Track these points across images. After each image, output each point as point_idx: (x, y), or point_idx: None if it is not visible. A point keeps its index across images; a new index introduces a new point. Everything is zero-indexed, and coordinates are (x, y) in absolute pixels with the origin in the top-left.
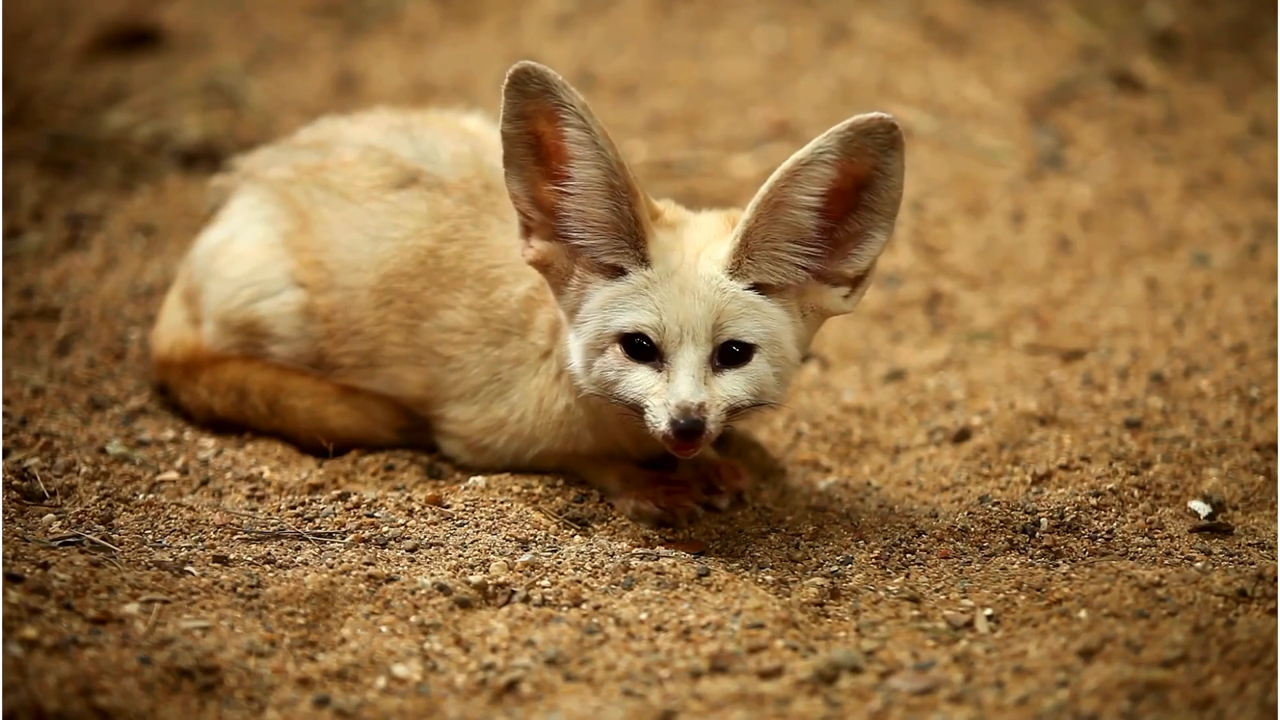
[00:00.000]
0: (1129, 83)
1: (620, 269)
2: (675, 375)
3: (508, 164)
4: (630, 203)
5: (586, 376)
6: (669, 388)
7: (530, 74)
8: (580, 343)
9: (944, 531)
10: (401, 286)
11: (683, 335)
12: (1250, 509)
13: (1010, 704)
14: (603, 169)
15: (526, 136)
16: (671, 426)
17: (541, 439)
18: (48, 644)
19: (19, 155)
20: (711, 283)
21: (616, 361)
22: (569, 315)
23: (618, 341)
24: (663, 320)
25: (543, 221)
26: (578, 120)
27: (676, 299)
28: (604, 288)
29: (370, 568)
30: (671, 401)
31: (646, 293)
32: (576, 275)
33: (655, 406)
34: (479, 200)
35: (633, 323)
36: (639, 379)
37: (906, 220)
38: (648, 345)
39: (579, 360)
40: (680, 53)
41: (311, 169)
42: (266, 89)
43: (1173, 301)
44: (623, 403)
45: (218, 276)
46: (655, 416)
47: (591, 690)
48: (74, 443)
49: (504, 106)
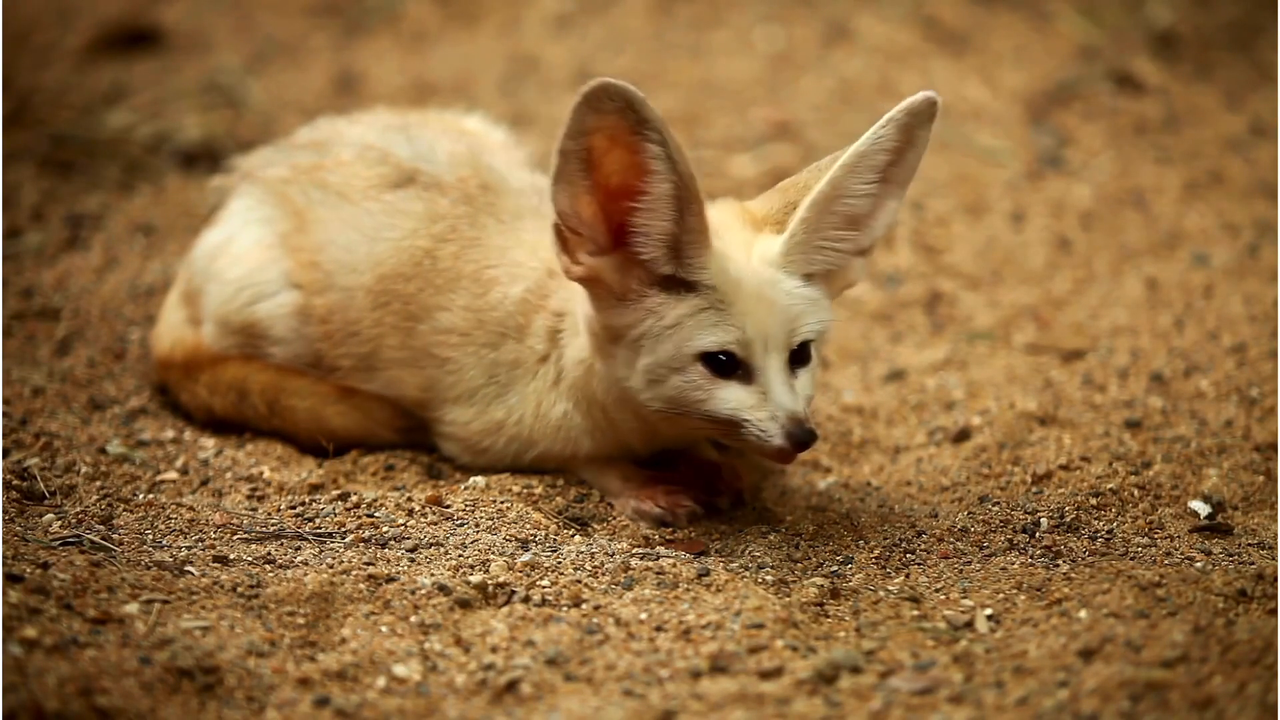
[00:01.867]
0: (1129, 83)
1: (680, 280)
2: (771, 387)
3: (559, 179)
4: (696, 213)
5: (653, 391)
6: (767, 401)
7: (609, 91)
8: (646, 361)
9: (944, 531)
10: (398, 288)
11: (767, 346)
12: (1250, 509)
13: (1010, 704)
14: (674, 182)
15: (583, 153)
16: (789, 440)
17: (540, 442)
18: (48, 644)
19: (19, 155)
20: (779, 287)
21: (702, 380)
22: (617, 329)
23: (699, 360)
24: (747, 335)
25: (590, 236)
26: (657, 135)
27: (754, 309)
28: (673, 304)
29: (370, 568)
30: (780, 415)
31: (723, 308)
32: (632, 290)
33: (761, 421)
34: (476, 200)
35: (718, 342)
36: (730, 396)
37: (906, 220)
38: (729, 360)
39: (640, 377)
40: (680, 53)
41: (309, 169)
42: (266, 89)
43: (1173, 301)
44: (712, 419)
45: (217, 278)
46: (763, 431)
47: (591, 690)
48: (74, 443)
49: (570, 122)
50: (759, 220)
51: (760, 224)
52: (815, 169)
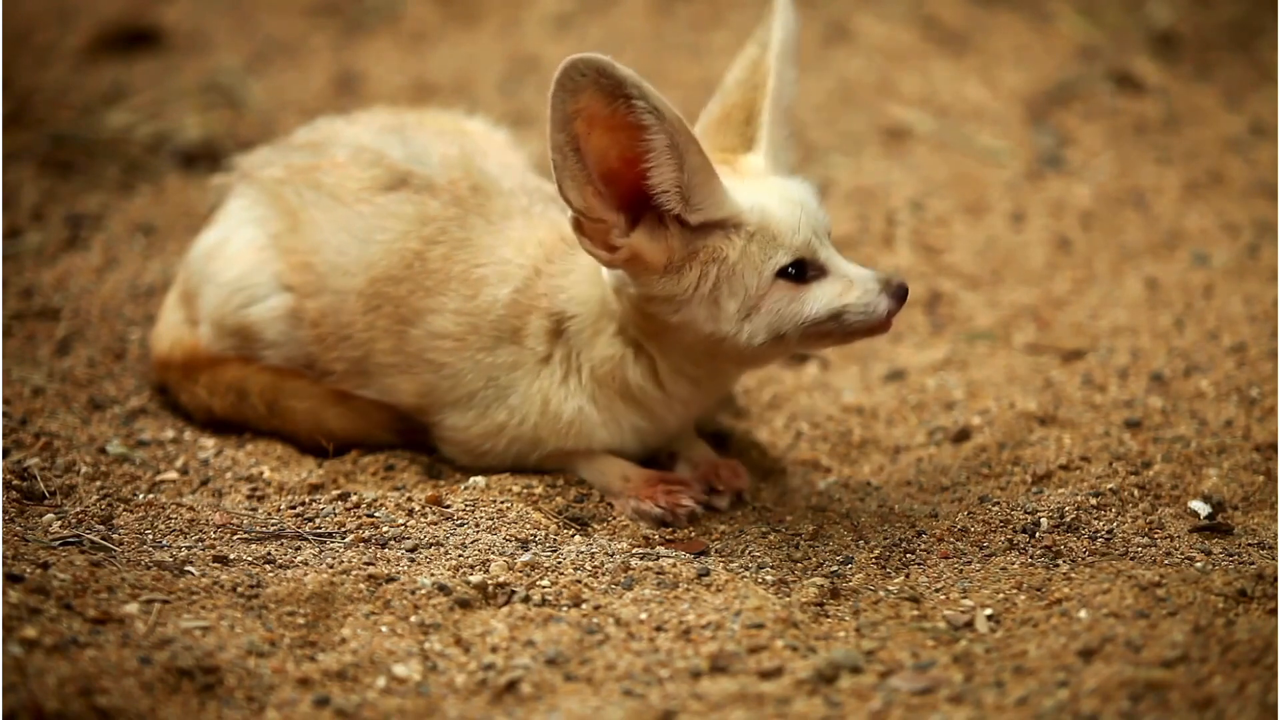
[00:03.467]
0: (1129, 83)
1: (711, 223)
2: (845, 270)
3: (564, 177)
4: (697, 152)
5: (750, 328)
6: (852, 283)
7: (578, 66)
8: (733, 303)
9: (944, 531)
10: (389, 291)
11: (820, 239)
12: (1250, 509)
13: (1010, 704)
14: (667, 130)
15: (572, 140)
16: (894, 298)
17: (547, 440)
18: (48, 644)
19: (19, 155)
20: (791, 189)
21: (787, 294)
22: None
23: (779, 278)
24: (804, 236)
25: (613, 219)
26: (637, 90)
27: (796, 214)
28: (726, 244)
29: (370, 568)
30: (872, 286)
31: (769, 223)
32: (677, 251)
33: (860, 298)
34: (466, 202)
35: (789, 254)
36: (820, 294)
37: (906, 220)
38: (798, 269)
39: (733, 321)
40: (680, 53)
41: (304, 169)
42: (266, 89)
43: (1173, 301)
44: (815, 323)
45: (211, 281)
46: (866, 304)
47: (591, 690)
48: (74, 443)
49: (553, 114)
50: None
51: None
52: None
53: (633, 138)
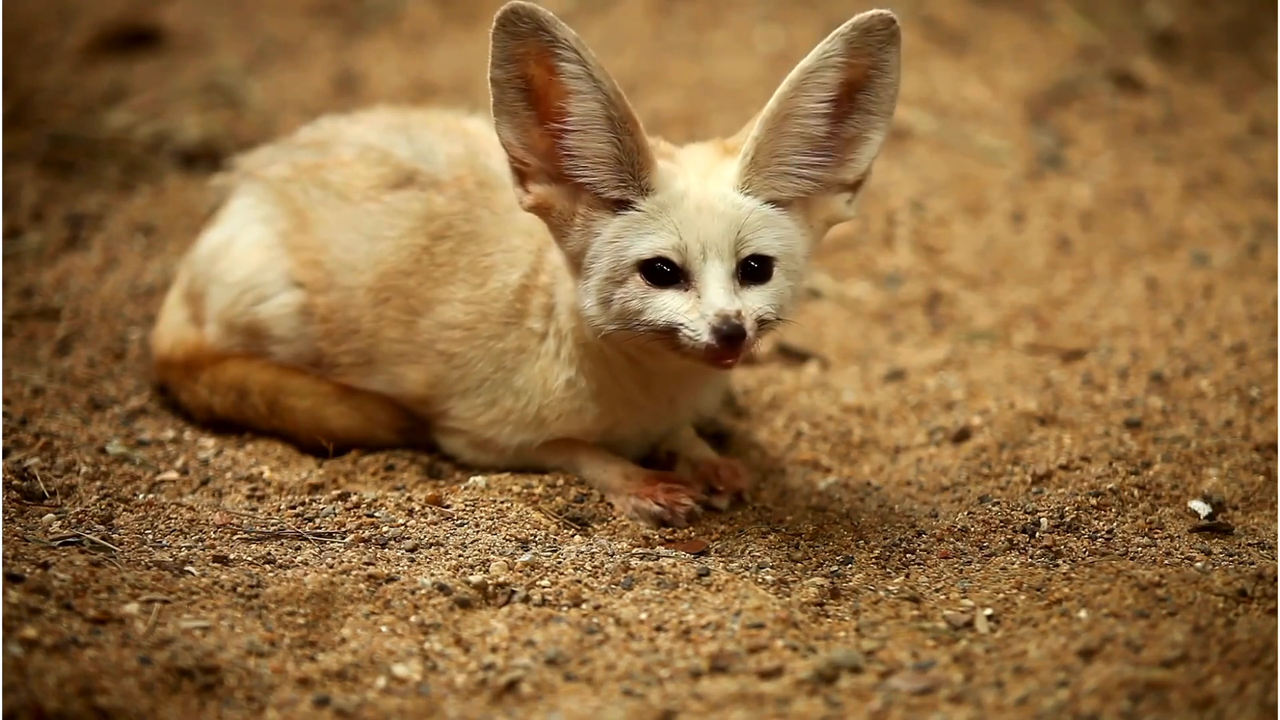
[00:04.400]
0: (1129, 83)
1: (626, 202)
2: (706, 290)
3: (499, 111)
4: (631, 132)
5: (605, 313)
6: (701, 303)
7: (519, 13)
8: (594, 281)
9: (944, 531)
10: (398, 283)
11: (705, 252)
12: (1250, 509)
13: (1010, 704)
14: (601, 101)
15: (516, 80)
16: (715, 335)
17: (548, 419)
18: (48, 644)
19: (19, 155)
20: (727, 199)
21: (639, 290)
22: (575, 257)
23: (637, 270)
24: (683, 240)
25: (539, 166)
26: (573, 54)
27: (694, 218)
28: (613, 220)
29: (370, 568)
30: (709, 313)
31: (660, 217)
32: (580, 215)
33: (692, 322)
34: (472, 196)
35: (652, 248)
36: (666, 302)
37: (906, 220)
38: (670, 269)
39: (593, 299)
40: (680, 53)
41: (310, 167)
42: (266, 89)
43: (1173, 301)
44: (652, 329)
45: (219, 280)
46: (694, 331)
47: (591, 690)
48: (74, 443)
49: (492, 50)
50: (729, 150)
51: (729, 152)
52: None
53: (560, 97)
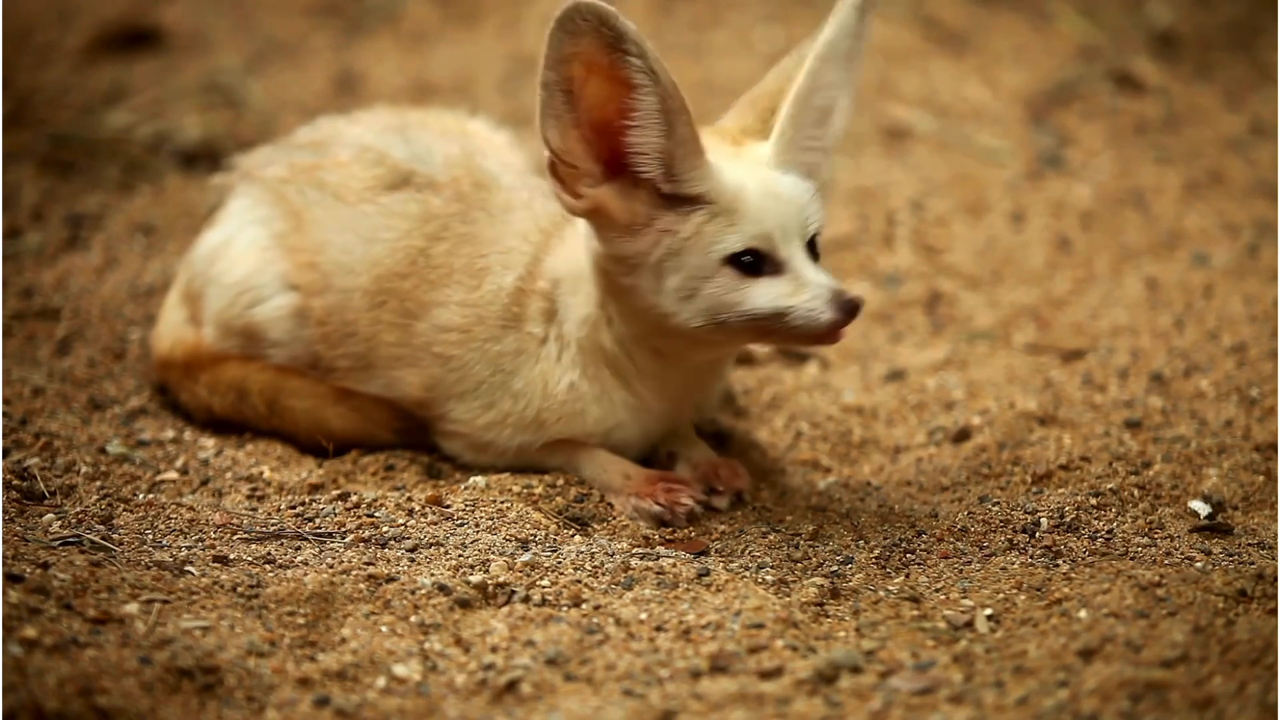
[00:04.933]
0: (1129, 83)
1: (685, 196)
2: (802, 272)
3: (546, 115)
4: (688, 124)
5: (689, 308)
6: (805, 285)
7: (580, 10)
8: (675, 279)
9: (944, 531)
10: (394, 286)
11: (787, 236)
12: (1250, 509)
13: (1010, 704)
14: (660, 95)
15: (565, 82)
16: (840, 310)
17: (547, 422)
18: (48, 644)
19: (19, 155)
20: (782, 182)
21: (732, 283)
22: (631, 259)
23: (726, 264)
24: (766, 228)
25: (588, 168)
26: (636, 47)
27: (767, 206)
28: (687, 218)
29: (370, 568)
30: (823, 292)
31: (737, 208)
32: (640, 214)
33: (805, 303)
34: (468, 198)
35: (742, 241)
36: (765, 290)
37: (906, 220)
38: (754, 260)
39: (673, 298)
40: (680, 53)
41: (307, 168)
42: (266, 89)
43: (1173, 301)
44: (752, 318)
45: (215, 282)
46: (810, 309)
47: (591, 690)
48: (74, 443)
49: (548, 52)
50: (737, 135)
51: (739, 137)
52: (778, 73)
53: (623, 94)
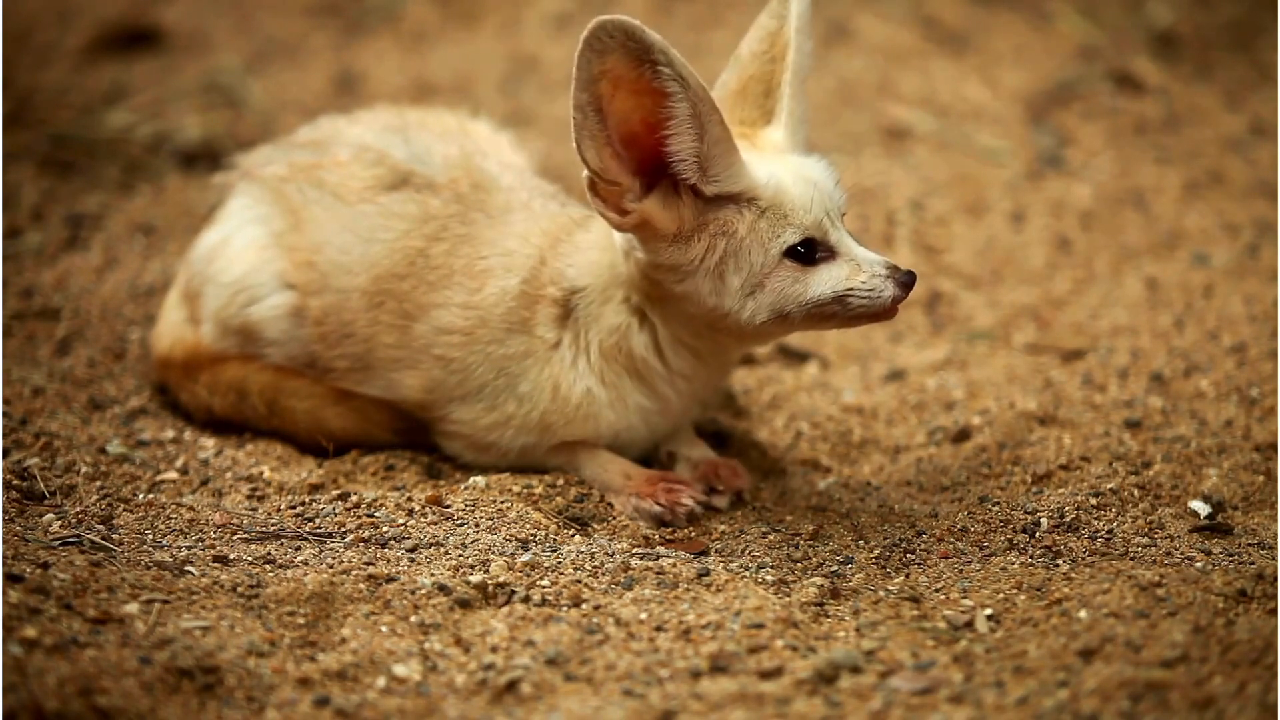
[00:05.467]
0: (1129, 83)
1: (725, 196)
2: (855, 253)
3: (582, 134)
4: (719, 123)
5: (753, 305)
6: (861, 266)
7: (606, 28)
8: (737, 279)
9: (944, 531)
10: (392, 287)
11: (832, 219)
12: (1250, 509)
13: (1010, 704)
14: (691, 99)
15: (595, 101)
16: (900, 286)
17: (554, 425)
18: (48, 644)
19: (19, 155)
20: (808, 166)
21: (794, 273)
22: (685, 265)
23: (785, 257)
24: (815, 215)
25: (629, 184)
26: (664, 56)
27: (810, 193)
28: (737, 218)
29: (370, 568)
30: (879, 271)
31: (784, 200)
32: (688, 221)
33: (865, 283)
34: (467, 199)
35: (798, 233)
36: (825, 276)
37: (906, 220)
38: (807, 249)
39: (736, 297)
40: (680, 53)
41: (306, 167)
42: (266, 89)
43: (1173, 301)
44: (818, 304)
45: (213, 281)
46: (871, 289)
47: (591, 690)
48: (74, 443)
49: (577, 74)
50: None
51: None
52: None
53: (656, 103)
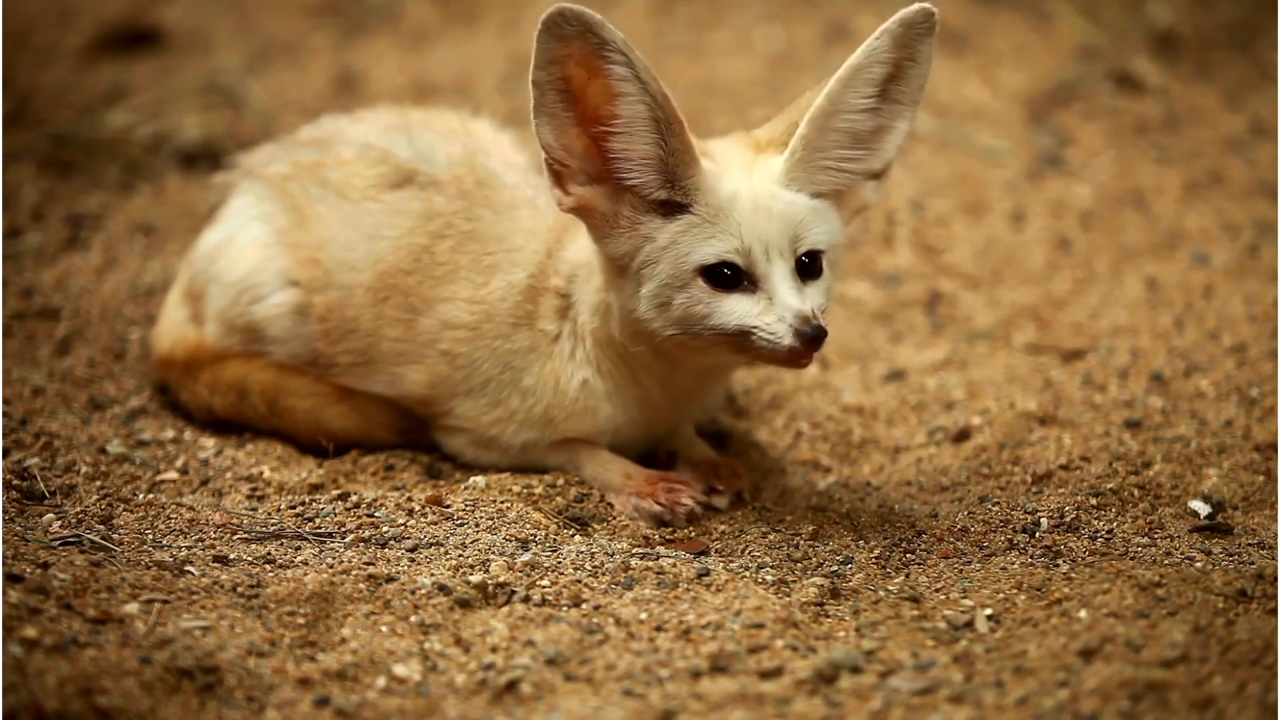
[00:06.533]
0: (1129, 83)
1: (674, 203)
2: (777, 292)
3: (539, 113)
4: (678, 133)
5: (662, 317)
6: (774, 306)
7: (566, 16)
8: (650, 286)
9: (944, 531)
10: (397, 282)
11: (768, 253)
12: (1250, 509)
13: (1010, 704)
14: (648, 103)
15: (557, 82)
16: (798, 338)
17: (556, 419)
18: (48, 644)
19: (19, 155)
20: (781, 198)
21: (703, 295)
22: (618, 260)
23: (699, 275)
24: (745, 242)
25: (579, 167)
26: (620, 56)
27: (753, 219)
28: (667, 225)
29: (370, 568)
30: (787, 316)
31: (719, 220)
32: (625, 217)
33: (769, 324)
34: (471, 196)
35: (716, 253)
36: (734, 306)
37: (906, 220)
38: (732, 273)
39: (648, 304)
40: (680, 53)
41: (310, 166)
42: (266, 89)
43: (1173, 301)
44: (720, 334)
45: (217, 280)
46: (773, 333)
47: (591, 690)
48: (74, 443)
49: (536, 52)
50: (763, 144)
51: (764, 147)
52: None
53: (606, 99)
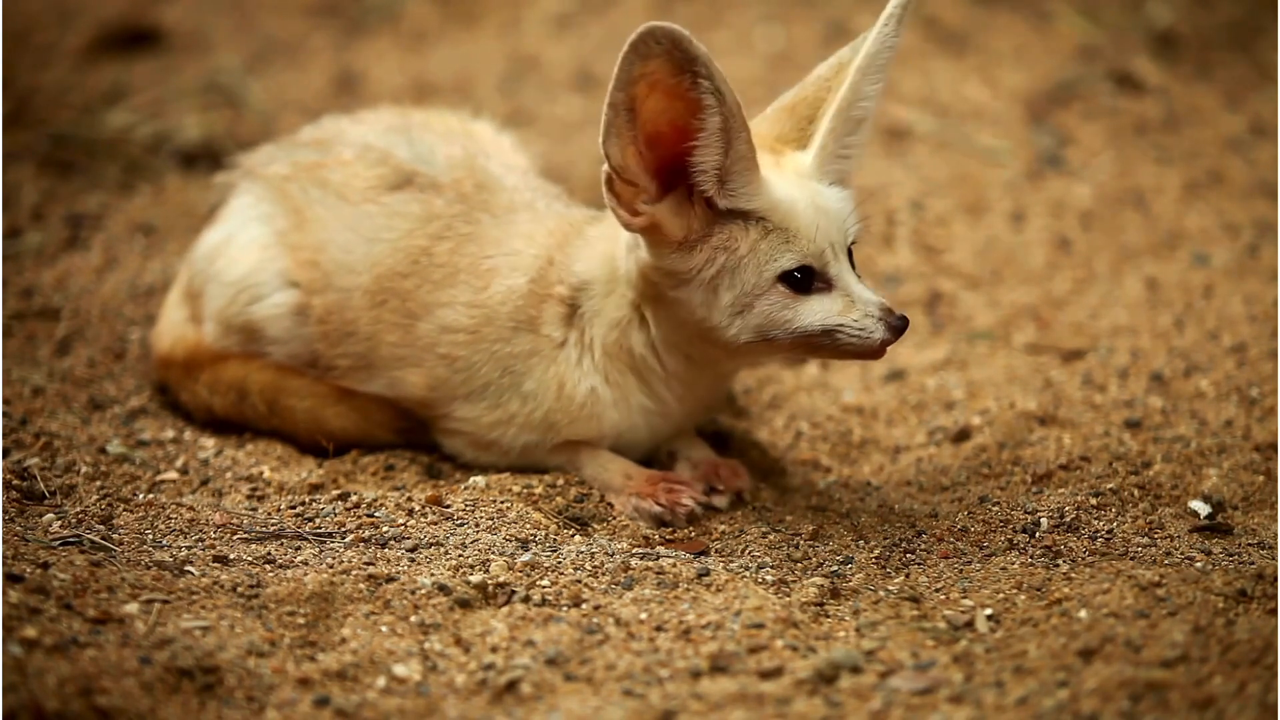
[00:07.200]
0: (1129, 83)
1: (738, 211)
2: (852, 289)
3: (611, 134)
4: (746, 140)
5: (739, 324)
6: (855, 303)
7: (655, 34)
8: (729, 295)
9: (944, 531)
10: (395, 285)
11: (835, 252)
12: (1250, 509)
13: (1010, 704)
14: (724, 114)
15: (629, 101)
16: (890, 330)
17: (558, 424)
18: (48, 644)
19: (19, 155)
20: (825, 195)
21: (784, 299)
22: (684, 273)
23: (779, 282)
24: (818, 245)
25: (646, 184)
26: (705, 69)
27: (815, 220)
28: (742, 235)
29: (370, 568)
30: (872, 311)
31: (790, 225)
32: (695, 230)
33: (856, 320)
34: (470, 199)
35: (796, 259)
36: (816, 308)
37: (906, 220)
38: (804, 276)
39: (724, 314)
40: None
41: (310, 167)
42: (266, 89)
43: (1173, 301)
44: (804, 334)
45: (216, 279)
46: (861, 329)
47: (591, 690)
48: (74, 443)
49: (618, 73)
50: (774, 143)
51: (777, 145)
52: (816, 81)
53: (690, 112)
